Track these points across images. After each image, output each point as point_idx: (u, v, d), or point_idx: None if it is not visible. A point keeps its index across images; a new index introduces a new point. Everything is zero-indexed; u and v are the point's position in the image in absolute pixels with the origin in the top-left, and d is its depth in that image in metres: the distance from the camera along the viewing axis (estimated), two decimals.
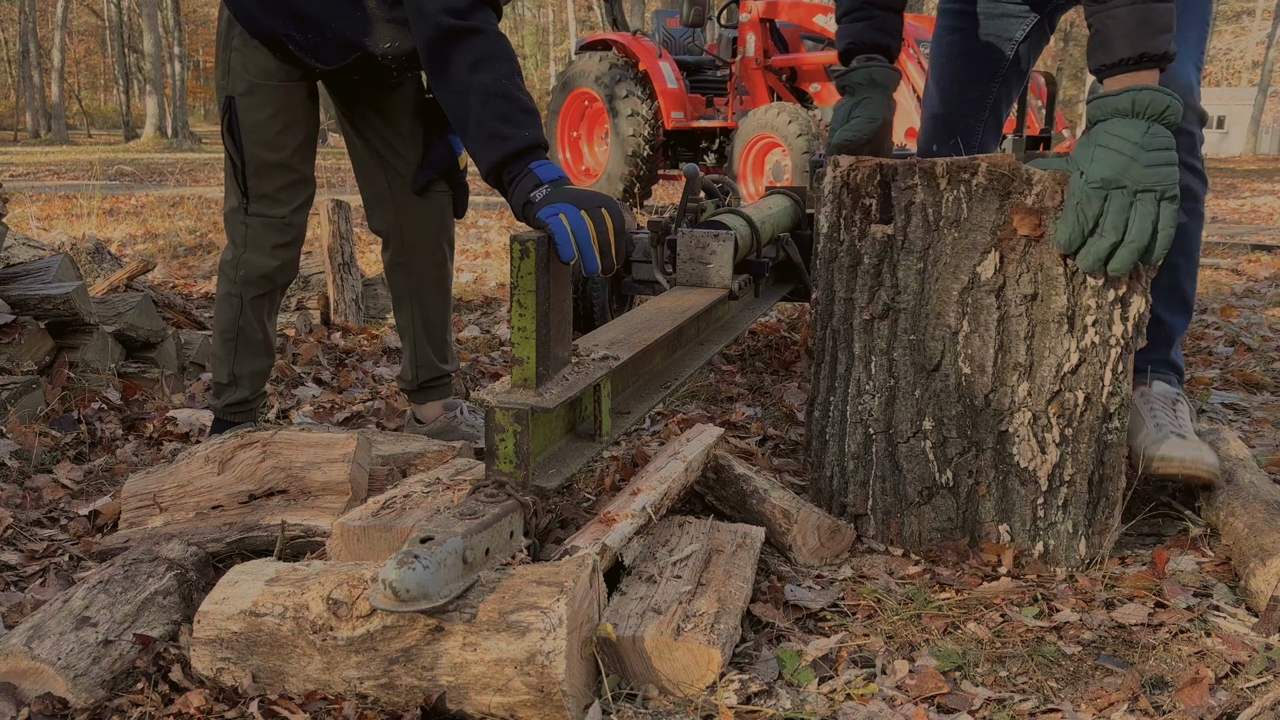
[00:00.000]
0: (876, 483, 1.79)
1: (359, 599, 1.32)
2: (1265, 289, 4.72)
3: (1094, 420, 1.66)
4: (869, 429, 1.79)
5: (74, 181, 12.24)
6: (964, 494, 1.72)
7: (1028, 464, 1.67)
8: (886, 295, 1.74)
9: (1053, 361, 1.65)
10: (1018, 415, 1.67)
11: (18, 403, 2.45)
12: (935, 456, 1.73)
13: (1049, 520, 1.69)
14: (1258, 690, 1.36)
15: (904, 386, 1.75)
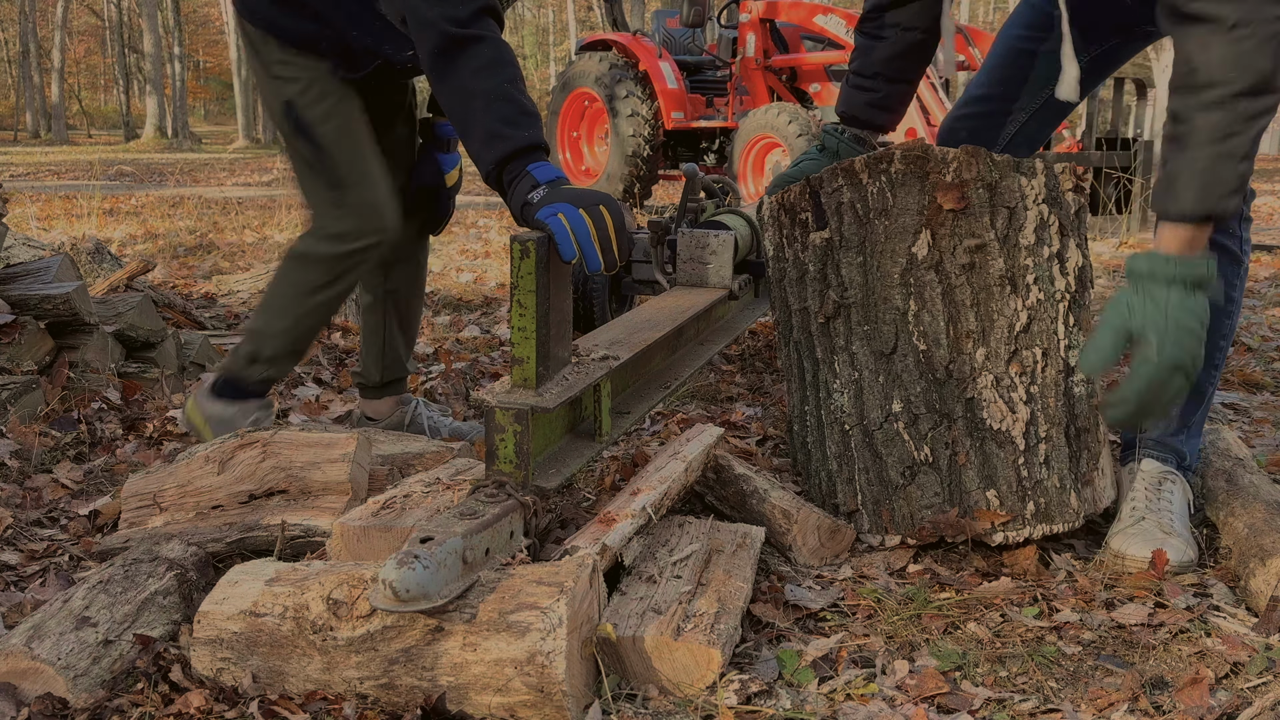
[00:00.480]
0: (861, 475, 1.80)
1: (359, 599, 1.32)
2: (1265, 289, 4.72)
3: (1056, 374, 1.69)
4: (844, 426, 1.81)
5: (74, 181, 12.24)
6: (945, 466, 1.72)
7: (999, 425, 1.68)
8: (835, 294, 1.79)
9: (1003, 324, 1.68)
10: (980, 380, 1.69)
11: (18, 403, 2.45)
12: (910, 436, 1.73)
13: (1034, 479, 1.69)
14: (1258, 690, 1.36)
15: (868, 376, 1.77)
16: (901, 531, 1.76)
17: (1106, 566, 1.71)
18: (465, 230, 7.22)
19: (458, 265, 5.50)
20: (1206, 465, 1.98)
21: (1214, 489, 1.89)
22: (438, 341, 3.58)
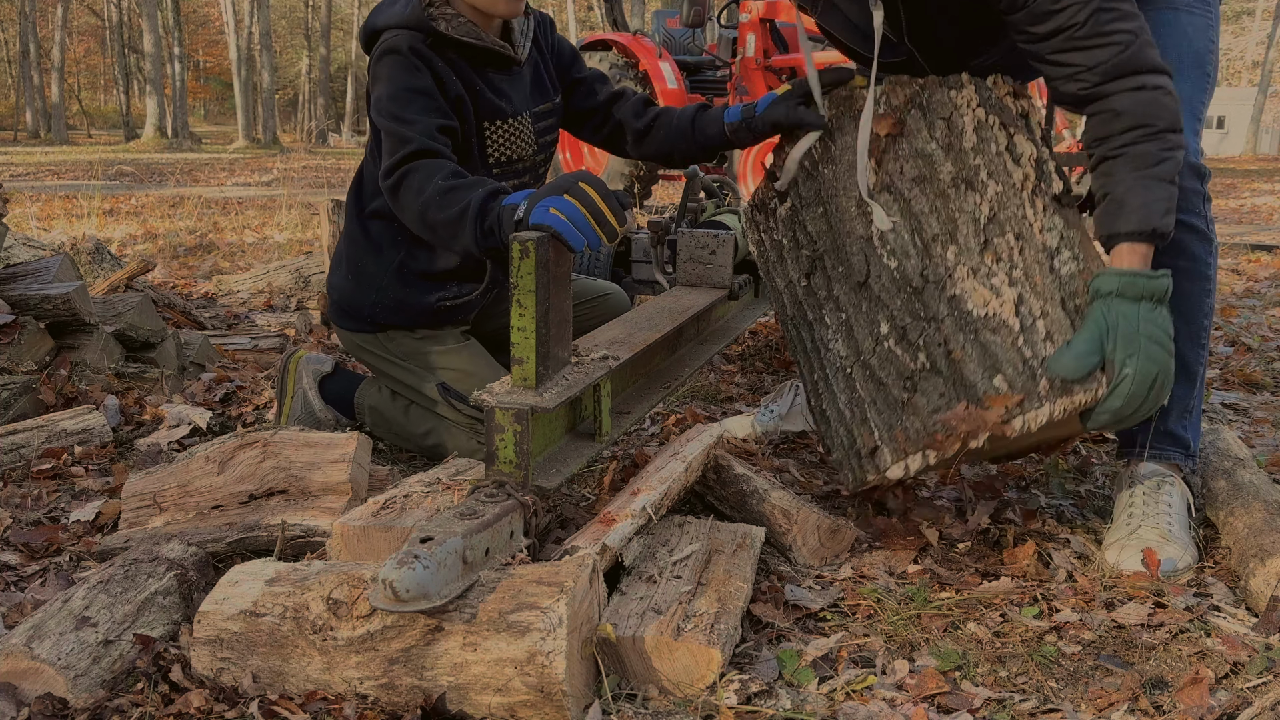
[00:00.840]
0: (870, 409, 1.70)
1: (359, 599, 1.32)
2: (1265, 289, 4.72)
3: (1037, 254, 1.62)
4: (846, 370, 1.76)
5: (74, 181, 12.25)
6: (944, 367, 1.60)
7: (986, 310, 1.59)
8: (807, 251, 1.81)
9: (967, 220, 1.65)
10: (958, 274, 1.62)
11: (18, 402, 2.45)
12: (902, 349, 1.66)
13: (1040, 356, 1.55)
14: (1258, 690, 1.36)
15: (852, 312, 1.75)
16: (919, 447, 1.60)
17: (1105, 573, 1.71)
18: None
19: None
20: (1206, 465, 1.98)
21: (1214, 489, 1.89)
22: None
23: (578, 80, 2.30)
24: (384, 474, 1.94)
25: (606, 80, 2.33)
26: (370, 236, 2.18)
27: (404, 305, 2.17)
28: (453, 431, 2.17)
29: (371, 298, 2.18)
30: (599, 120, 2.29)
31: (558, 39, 2.30)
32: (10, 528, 1.91)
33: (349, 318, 2.24)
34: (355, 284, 2.20)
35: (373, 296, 2.18)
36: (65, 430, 2.33)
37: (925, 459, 1.61)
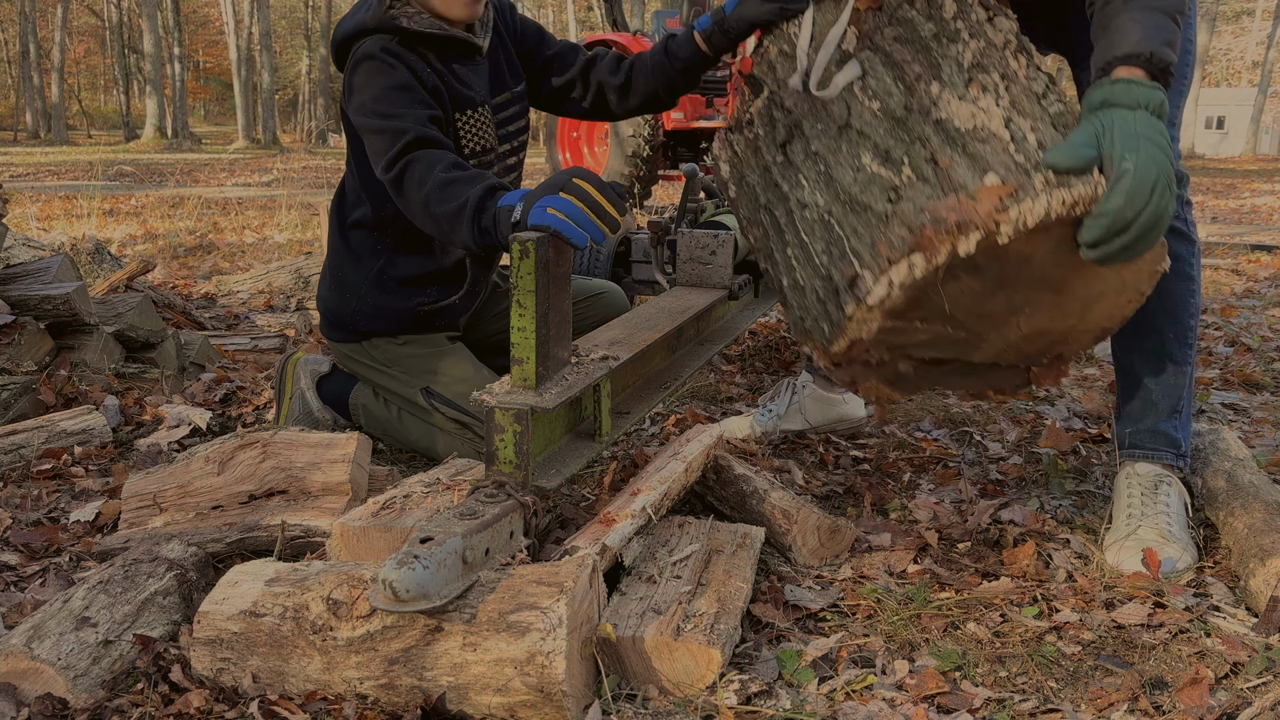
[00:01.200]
0: (852, 239, 1.49)
1: (359, 599, 1.32)
2: (1265, 289, 4.72)
3: (1023, 90, 1.52)
4: (824, 216, 1.55)
5: (74, 182, 12.25)
6: (930, 175, 1.45)
7: (973, 124, 1.47)
8: (784, 123, 1.65)
9: (950, 63, 1.53)
10: (943, 100, 1.50)
11: (18, 403, 2.45)
12: (884, 167, 1.49)
13: (1035, 159, 1.41)
14: (1257, 690, 1.36)
15: (832, 159, 1.57)
16: (904, 252, 1.41)
17: (1105, 573, 1.71)
18: None
19: None
20: (1206, 465, 1.98)
21: (1214, 489, 1.89)
22: None
23: (550, 57, 2.30)
24: (384, 474, 1.94)
25: (578, 49, 2.32)
26: (351, 247, 2.21)
27: (384, 311, 2.20)
28: (442, 436, 2.18)
29: (353, 306, 2.21)
30: (580, 90, 2.28)
31: (520, 20, 2.31)
32: (10, 528, 1.91)
33: (335, 328, 2.27)
34: (338, 294, 2.23)
35: (354, 305, 2.21)
36: (65, 430, 2.33)
37: (911, 269, 1.41)
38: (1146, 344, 1.88)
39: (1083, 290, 1.53)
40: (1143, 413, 1.90)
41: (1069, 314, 1.56)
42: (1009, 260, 1.43)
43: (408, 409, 2.23)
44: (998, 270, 1.45)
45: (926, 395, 2.82)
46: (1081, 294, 1.53)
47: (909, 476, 2.20)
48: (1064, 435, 2.36)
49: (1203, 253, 6.10)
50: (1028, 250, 1.41)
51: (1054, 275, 1.48)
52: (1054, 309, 1.55)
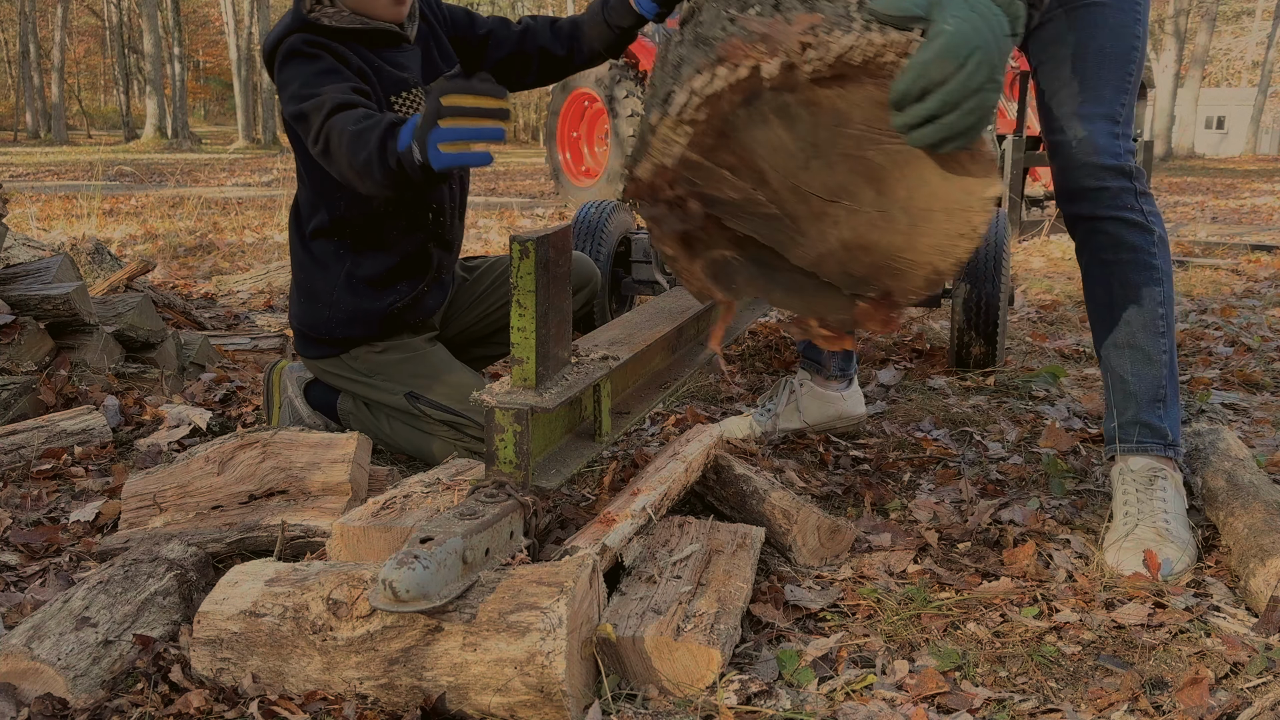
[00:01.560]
0: (686, 68, 1.41)
1: (359, 599, 1.32)
2: (1265, 289, 4.72)
3: None
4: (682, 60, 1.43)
5: (74, 182, 12.24)
6: (768, 10, 1.39)
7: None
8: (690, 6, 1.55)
9: None
10: None
11: (18, 403, 2.45)
12: (736, 8, 1.42)
13: (857, 6, 1.37)
14: (1257, 690, 1.36)
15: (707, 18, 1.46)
16: (710, 62, 1.37)
17: (1105, 573, 1.71)
18: (466, 230, 7.22)
19: None
20: (1206, 465, 1.98)
21: (1214, 489, 1.89)
22: None
23: (483, 36, 2.31)
24: (384, 474, 1.95)
25: (508, 23, 2.33)
26: (314, 256, 2.20)
27: (358, 315, 2.19)
28: (433, 439, 2.18)
29: (325, 314, 2.20)
30: (521, 62, 2.30)
31: (446, 8, 2.32)
32: (10, 528, 1.91)
33: (311, 343, 2.26)
34: (309, 305, 2.22)
35: (326, 313, 2.20)
36: (65, 430, 2.33)
37: (713, 79, 1.35)
38: (1117, 336, 1.90)
39: (905, 195, 1.46)
40: (1124, 405, 1.91)
41: (894, 227, 1.49)
42: (822, 115, 1.39)
43: (395, 416, 2.23)
44: (811, 126, 1.41)
45: (926, 395, 2.82)
46: (905, 201, 1.46)
47: (909, 476, 2.20)
48: (1064, 435, 2.36)
49: (1203, 253, 6.10)
50: (841, 105, 1.38)
51: (873, 161, 1.43)
52: (878, 215, 1.49)
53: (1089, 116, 1.82)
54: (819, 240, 1.54)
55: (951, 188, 1.44)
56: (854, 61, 1.33)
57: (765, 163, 1.46)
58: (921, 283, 1.54)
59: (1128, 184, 1.83)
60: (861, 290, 1.58)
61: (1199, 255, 5.97)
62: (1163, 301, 1.89)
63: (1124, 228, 1.84)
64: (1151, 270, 1.87)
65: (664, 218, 1.53)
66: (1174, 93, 26.65)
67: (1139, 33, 1.85)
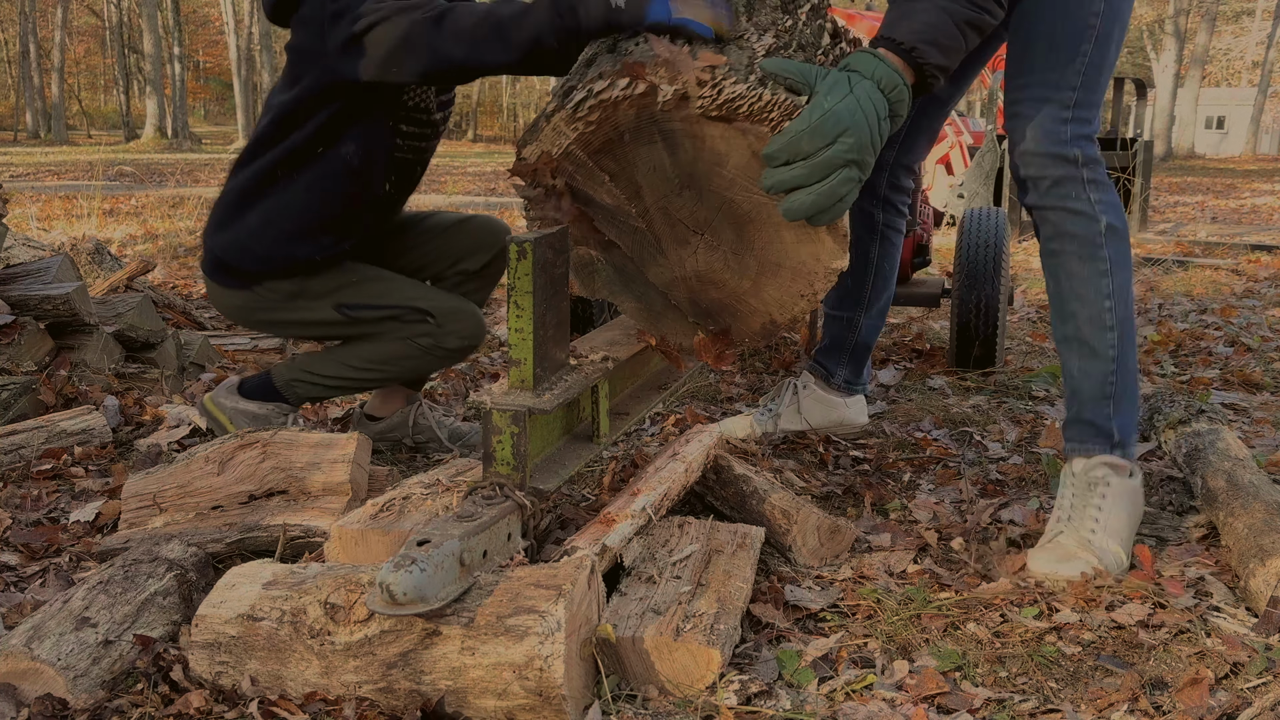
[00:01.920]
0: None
1: (356, 603, 1.32)
2: (1265, 289, 4.72)
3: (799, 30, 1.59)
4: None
5: (74, 182, 12.24)
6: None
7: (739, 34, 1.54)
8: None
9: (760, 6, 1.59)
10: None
11: (18, 403, 2.45)
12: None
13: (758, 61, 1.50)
14: (1257, 691, 1.36)
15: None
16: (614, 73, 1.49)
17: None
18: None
19: None
20: (1206, 465, 1.98)
21: (1214, 489, 1.89)
22: None
23: None
24: (384, 474, 1.94)
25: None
26: (255, 189, 2.08)
27: (277, 256, 2.09)
28: (375, 344, 2.15)
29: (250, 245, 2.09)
30: None
31: None
32: (10, 528, 1.91)
33: (226, 273, 2.13)
34: (236, 234, 2.10)
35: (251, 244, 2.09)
36: (65, 431, 2.33)
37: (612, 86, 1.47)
38: (1065, 330, 1.83)
39: (761, 246, 1.58)
40: (1070, 402, 1.84)
41: (745, 272, 1.61)
42: (703, 151, 1.51)
43: (330, 333, 2.16)
44: (691, 158, 1.52)
45: (926, 395, 2.82)
46: (760, 251, 1.57)
47: (909, 476, 2.20)
48: (1064, 435, 2.36)
49: (1203, 253, 6.10)
50: (722, 147, 1.49)
51: (740, 207, 1.54)
52: (732, 256, 1.60)
53: (1034, 101, 1.78)
54: (676, 264, 1.66)
55: (802, 250, 1.56)
56: (740, 110, 1.44)
57: (643, 179, 1.57)
58: (758, 329, 1.67)
59: (1072, 172, 1.77)
60: (704, 321, 1.71)
61: (1199, 255, 5.97)
62: (1111, 294, 1.80)
63: (1067, 217, 1.79)
64: (1097, 261, 1.79)
65: (540, 202, 1.61)
66: (1174, 93, 26.65)
67: (1098, 9, 1.77)
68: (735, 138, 1.48)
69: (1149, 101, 7.49)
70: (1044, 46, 1.78)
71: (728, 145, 1.49)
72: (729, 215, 1.57)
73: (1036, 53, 1.79)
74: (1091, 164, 1.79)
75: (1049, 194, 1.79)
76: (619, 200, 1.61)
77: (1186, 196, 11.97)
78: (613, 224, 1.64)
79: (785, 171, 1.45)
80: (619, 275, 1.72)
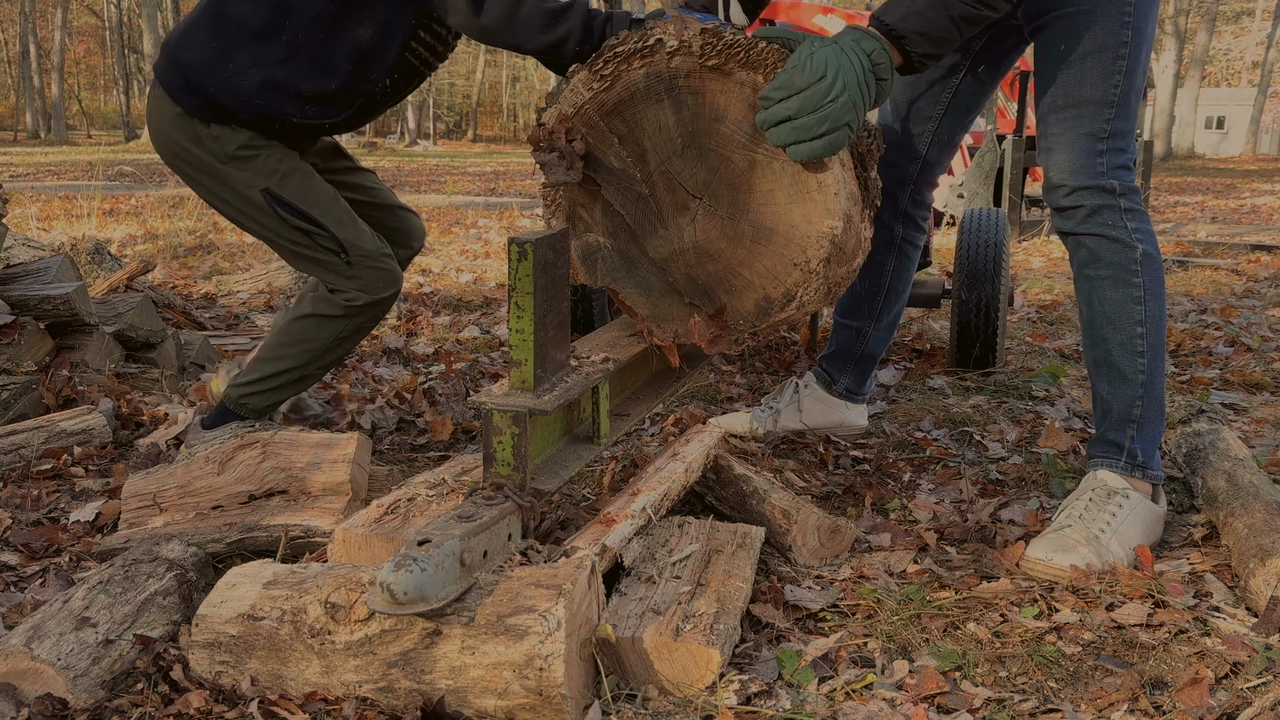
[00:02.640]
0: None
1: (357, 603, 1.32)
2: (1265, 289, 4.72)
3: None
4: None
5: (74, 182, 12.24)
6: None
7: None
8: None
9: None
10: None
11: (18, 403, 2.45)
12: None
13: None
14: (1257, 690, 1.36)
15: None
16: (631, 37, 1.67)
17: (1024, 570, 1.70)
18: (465, 230, 7.22)
19: (457, 265, 5.50)
20: (1206, 465, 1.98)
21: (1214, 489, 1.89)
22: (438, 342, 3.58)
23: None
24: (384, 474, 1.94)
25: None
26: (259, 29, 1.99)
27: (252, 102, 1.99)
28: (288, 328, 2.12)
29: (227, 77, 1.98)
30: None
31: None
32: (10, 528, 1.91)
33: (190, 93, 2.00)
34: (219, 58, 1.99)
35: (228, 77, 1.98)
36: (65, 431, 2.33)
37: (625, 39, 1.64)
38: (1096, 353, 1.88)
39: (756, 209, 1.68)
40: (1101, 421, 1.89)
41: (740, 239, 1.70)
42: (704, 107, 1.65)
43: (240, 215, 2.09)
44: (693, 115, 1.67)
45: (926, 395, 2.82)
46: (754, 215, 1.68)
47: (909, 476, 2.20)
48: (1064, 435, 2.36)
49: (1204, 253, 6.09)
50: (722, 102, 1.64)
51: (735, 165, 1.67)
52: (728, 222, 1.70)
53: (1067, 132, 1.81)
54: (676, 235, 1.75)
55: (794, 212, 1.64)
56: (738, 56, 1.60)
57: (649, 141, 1.71)
58: (752, 307, 1.74)
59: (1109, 201, 1.81)
60: (699, 300, 1.78)
61: (1199, 255, 5.97)
62: (1143, 320, 1.84)
63: (1103, 244, 1.83)
64: (1131, 288, 1.83)
65: (552, 166, 1.73)
66: (1174, 93, 26.65)
67: (1126, 38, 1.79)
68: (733, 90, 1.62)
69: (1149, 101, 7.49)
70: (1074, 78, 1.80)
71: (727, 99, 1.63)
72: (726, 176, 1.68)
73: (1067, 83, 1.81)
74: (1129, 193, 1.83)
75: (1085, 222, 1.82)
76: (625, 164, 1.73)
77: (1186, 196, 11.97)
78: (618, 190, 1.75)
79: (780, 107, 1.56)
80: (622, 261, 1.80)
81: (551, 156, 1.72)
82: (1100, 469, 1.85)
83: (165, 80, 2.03)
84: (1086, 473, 1.87)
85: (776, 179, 1.64)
